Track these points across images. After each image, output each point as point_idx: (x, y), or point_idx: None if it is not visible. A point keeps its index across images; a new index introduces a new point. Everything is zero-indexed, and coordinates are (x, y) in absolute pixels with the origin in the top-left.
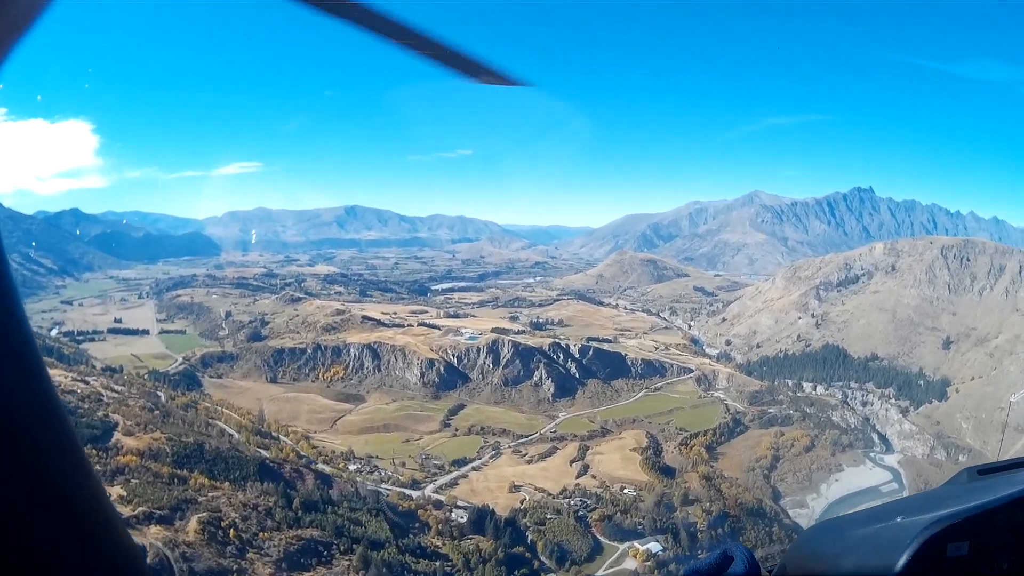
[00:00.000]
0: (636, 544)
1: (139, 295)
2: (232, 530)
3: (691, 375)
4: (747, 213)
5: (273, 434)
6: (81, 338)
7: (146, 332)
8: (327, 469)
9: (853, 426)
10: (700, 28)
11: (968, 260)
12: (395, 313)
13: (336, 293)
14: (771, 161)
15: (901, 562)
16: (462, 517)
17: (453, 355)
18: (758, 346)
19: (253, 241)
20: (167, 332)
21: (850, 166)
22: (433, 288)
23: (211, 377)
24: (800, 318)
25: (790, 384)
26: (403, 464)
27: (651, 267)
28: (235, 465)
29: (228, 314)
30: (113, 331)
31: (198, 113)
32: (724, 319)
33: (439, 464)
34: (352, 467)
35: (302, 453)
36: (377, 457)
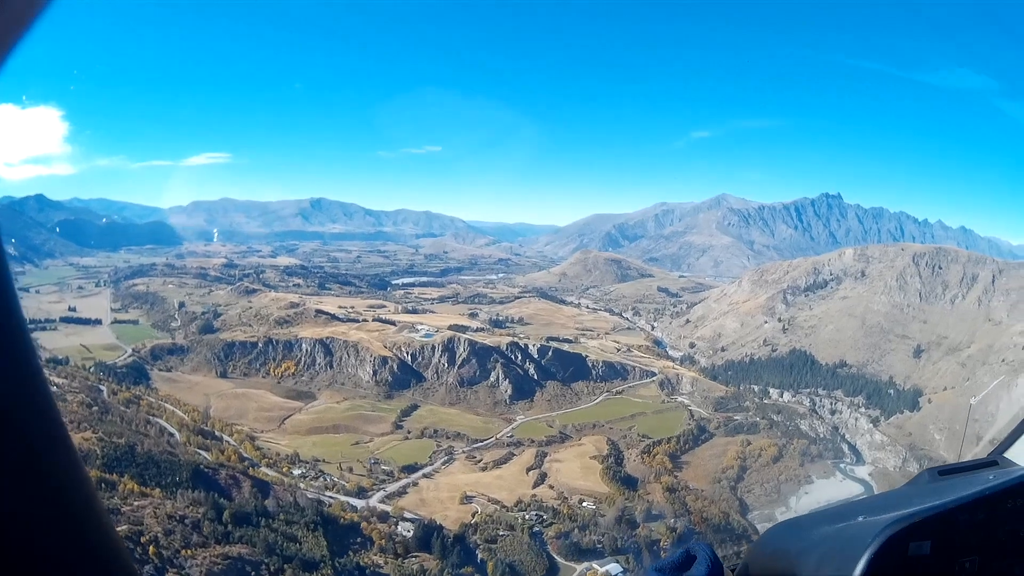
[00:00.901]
0: (595, 565)
1: (96, 283)
2: (152, 546)
3: (654, 379)
4: (714, 216)
5: (217, 434)
6: (32, 327)
7: (98, 322)
8: (270, 474)
9: (822, 435)
10: (671, 31)
11: (940, 268)
12: (352, 307)
13: (295, 285)
14: (740, 165)
15: (863, 560)
16: (408, 531)
17: (407, 353)
18: (723, 349)
19: (216, 231)
20: (120, 322)
21: (819, 172)
22: (393, 283)
23: (160, 370)
24: (767, 322)
25: (756, 390)
26: (350, 469)
27: (615, 266)
28: (168, 470)
29: (181, 304)
30: (66, 320)
31: (168, 102)
32: (688, 321)
33: (388, 470)
34: (296, 472)
35: (245, 455)
36: (324, 461)
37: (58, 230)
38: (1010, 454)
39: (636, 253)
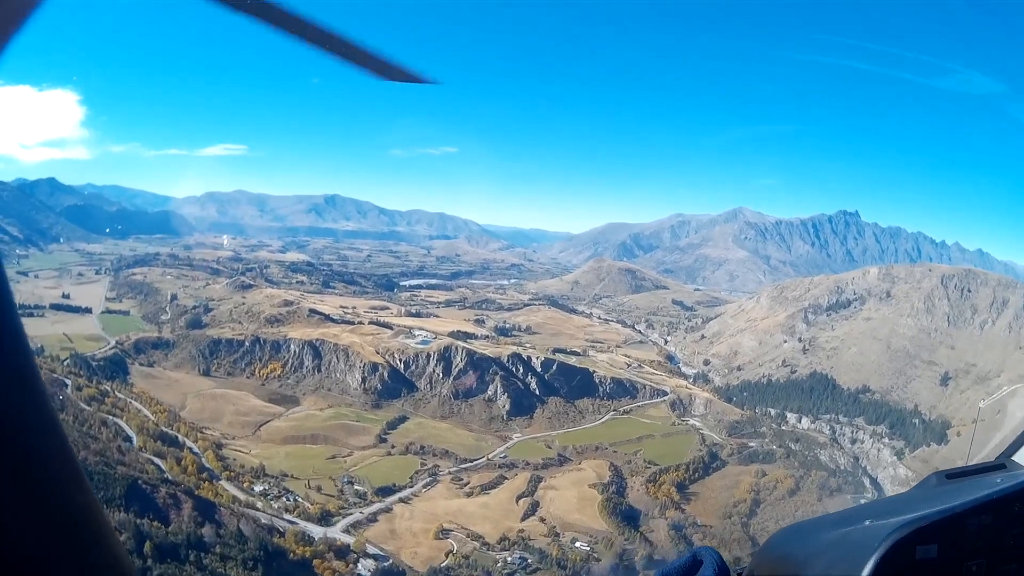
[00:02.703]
0: None
1: (97, 271)
2: None
3: (665, 398)
4: (730, 229)
5: (180, 439)
6: (21, 312)
7: (88, 310)
8: (228, 489)
9: (842, 467)
10: (692, 41)
11: (969, 291)
12: (353, 308)
13: (298, 282)
14: (757, 178)
15: (870, 564)
16: (368, 571)
17: (400, 360)
18: (739, 369)
19: (228, 224)
20: (110, 312)
21: (837, 188)
22: (401, 284)
23: (141, 365)
24: (786, 341)
25: (773, 414)
26: (319, 488)
27: (629, 276)
28: (100, 483)
29: (173, 297)
30: (56, 307)
31: (186, 91)
32: (703, 336)
33: (361, 491)
34: (258, 488)
35: (206, 465)
36: (292, 476)
37: (67, 215)
38: (1018, 457)
39: (651, 264)
